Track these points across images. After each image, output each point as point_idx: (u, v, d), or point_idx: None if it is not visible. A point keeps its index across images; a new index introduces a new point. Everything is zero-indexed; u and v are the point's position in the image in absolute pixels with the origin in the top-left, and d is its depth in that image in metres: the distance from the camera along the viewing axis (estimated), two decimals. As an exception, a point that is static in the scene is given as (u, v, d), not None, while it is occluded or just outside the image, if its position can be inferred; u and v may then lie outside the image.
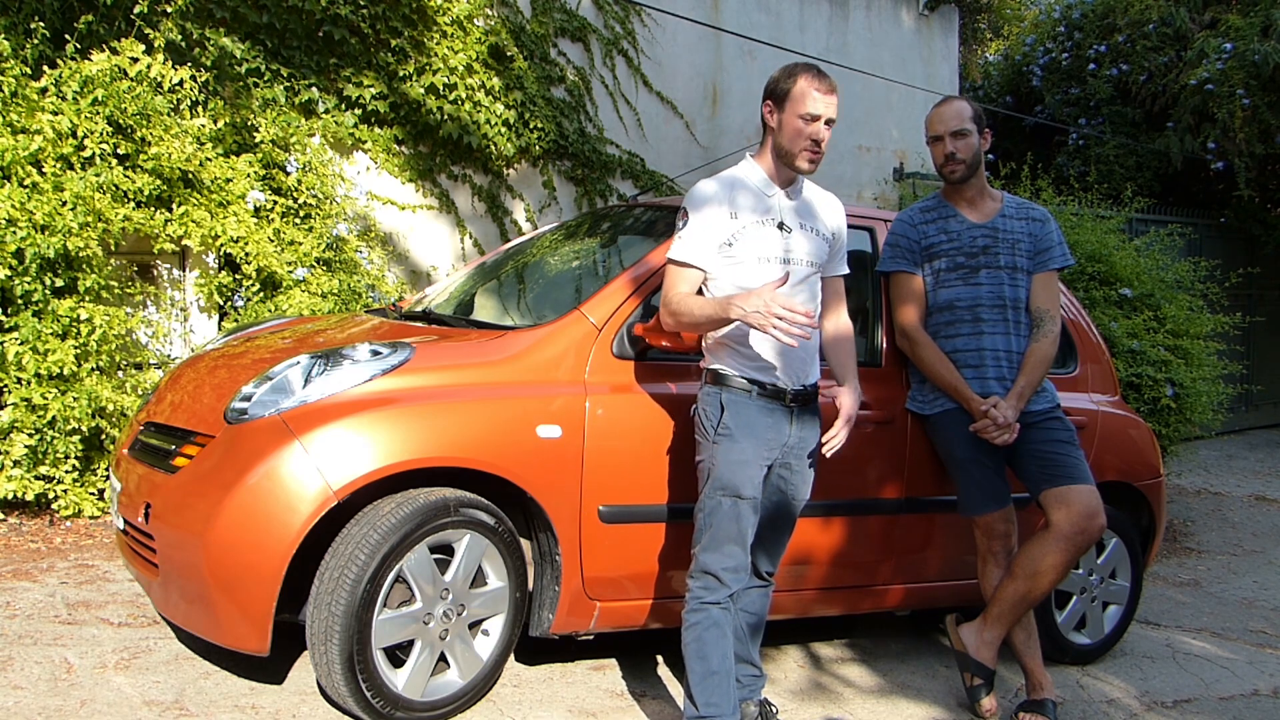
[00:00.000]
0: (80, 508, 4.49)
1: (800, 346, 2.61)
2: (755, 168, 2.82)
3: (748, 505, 2.71)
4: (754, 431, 2.71)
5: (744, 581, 2.76)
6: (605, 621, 3.10)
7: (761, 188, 2.79)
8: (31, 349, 4.27)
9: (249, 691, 2.94)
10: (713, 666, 2.66)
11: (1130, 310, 5.91)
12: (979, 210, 3.35)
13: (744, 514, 2.71)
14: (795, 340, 2.47)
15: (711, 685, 2.65)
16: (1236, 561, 5.74)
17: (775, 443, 2.76)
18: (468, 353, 3.02)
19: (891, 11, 8.62)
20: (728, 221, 2.72)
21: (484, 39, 6.21)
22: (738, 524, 2.70)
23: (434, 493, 2.78)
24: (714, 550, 2.70)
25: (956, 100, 3.36)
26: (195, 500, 2.71)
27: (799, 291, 2.78)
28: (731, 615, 2.74)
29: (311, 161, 5.39)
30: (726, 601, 2.71)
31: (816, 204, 2.91)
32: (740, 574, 2.73)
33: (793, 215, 2.80)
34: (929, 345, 3.31)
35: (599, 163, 6.87)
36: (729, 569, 2.70)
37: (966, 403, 3.24)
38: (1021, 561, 3.19)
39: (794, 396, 2.77)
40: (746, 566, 2.75)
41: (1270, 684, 3.84)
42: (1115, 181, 9.09)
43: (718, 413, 2.73)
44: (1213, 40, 8.88)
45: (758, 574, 2.93)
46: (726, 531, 2.70)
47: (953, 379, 3.26)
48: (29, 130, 4.41)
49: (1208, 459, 8.69)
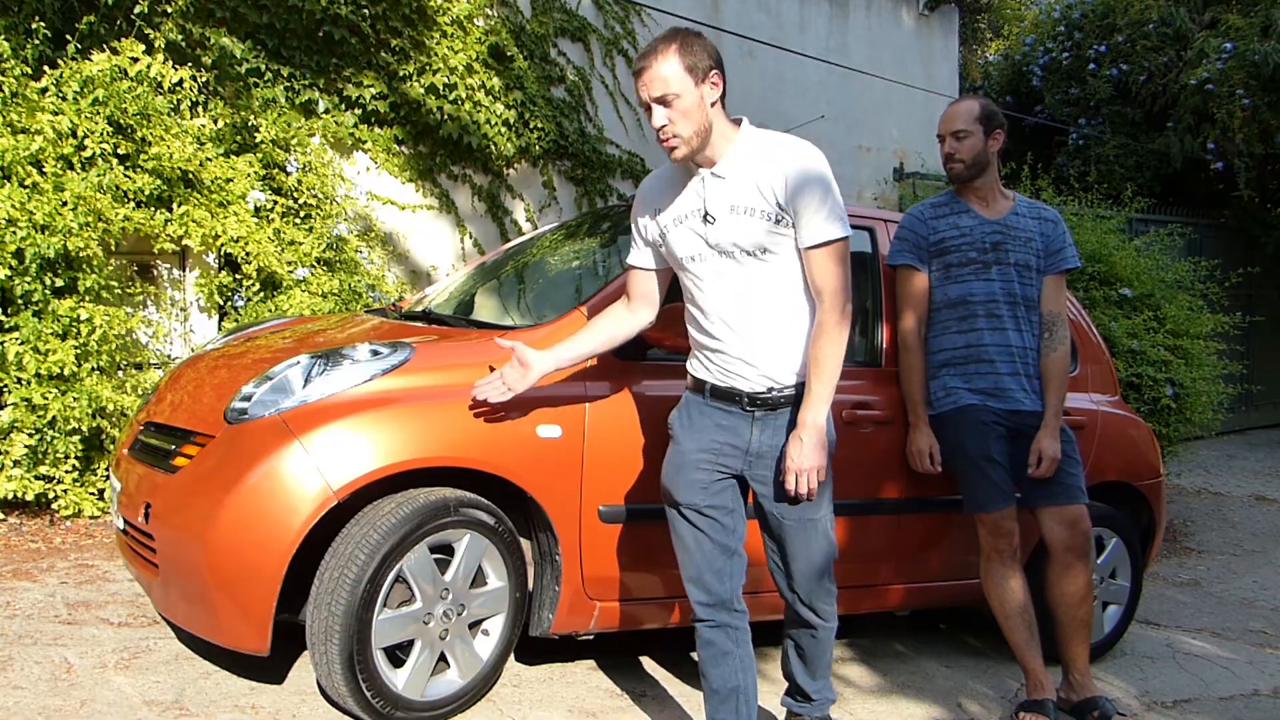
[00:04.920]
0: (80, 508, 4.49)
1: (733, 345, 2.45)
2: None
3: (690, 513, 2.53)
4: (696, 431, 2.54)
5: (715, 602, 2.55)
6: (605, 621, 3.10)
7: (676, 176, 2.53)
8: (32, 349, 4.27)
9: (249, 691, 2.94)
10: (712, 685, 2.60)
11: (1130, 310, 5.91)
12: (991, 207, 3.36)
13: (682, 523, 2.55)
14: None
15: (713, 704, 2.61)
16: (1236, 561, 5.74)
17: (731, 449, 2.51)
18: (468, 353, 3.01)
19: (891, 11, 8.62)
20: (650, 222, 2.59)
21: (484, 39, 6.21)
22: (680, 535, 2.57)
23: (434, 493, 2.78)
24: (681, 567, 2.60)
25: (966, 100, 3.38)
26: (195, 500, 2.71)
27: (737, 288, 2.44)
28: (728, 636, 2.58)
29: (312, 161, 5.40)
30: (716, 621, 2.57)
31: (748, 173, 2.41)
32: (703, 592, 2.55)
33: (720, 199, 2.43)
34: (915, 353, 3.36)
35: (599, 163, 6.87)
36: (691, 583, 2.57)
37: (915, 424, 3.37)
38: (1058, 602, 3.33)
39: (751, 400, 2.48)
40: (708, 585, 2.55)
41: (1270, 684, 3.84)
42: (1115, 181, 9.09)
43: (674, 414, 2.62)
44: (1213, 40, 8.88)
45: (785, 598, 2.67)
46: (678, 544, 2.59)
47: (913, 395, 3.36)
48: (29, 130, 4.41)
49: (1208, 459, 8.69)
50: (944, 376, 3.33)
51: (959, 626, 4.19)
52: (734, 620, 2.59)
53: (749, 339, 2.46)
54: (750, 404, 2.48)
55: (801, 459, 2.40)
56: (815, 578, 2.59)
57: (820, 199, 2.38)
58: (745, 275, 2.44)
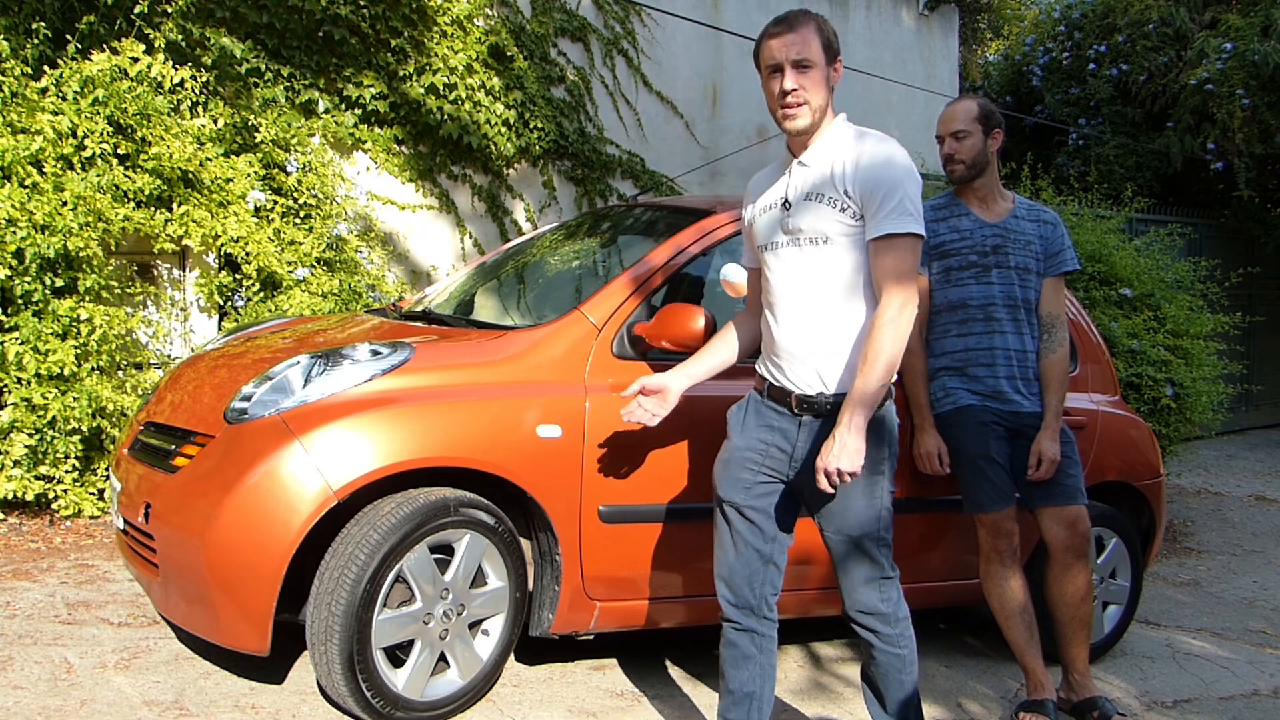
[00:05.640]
0: (80, 508, 4.50)
1: (788, 338, 2.42)
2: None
3: (730, 510, 2.51)
4: (747, 430, 2.52)
5: (742, 605, 2.52)
6: (605, 621, 3.10)
7: (776, 169, 2.57)
8: (32, 349, 4.27)
9: (249, 691, 2.94)
10: (729, 686, 2.56)
11: (1130, 310, 5.91)
12: (991, 209, 3.35)
13: (722, 520, 2.53)
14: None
15: (727, 703, 2.58)
16: (1236, 561, 5.74)
17: (778, 452, 2.47)
18: (468, 353, 3.01)
19: (891, 11, 8.62)
20: (749, 214, 2.62)
21: (484, 39, 6.21)
22: (719, 531, 2.55)
23: (434, 493, 2.78)
24: (714, 563, 2.58)
25: (965, 100, 3.36)
26: (195, 500, 2.71)
27: (795, 275, 2.43)
28: (752, 641, 2.54)
29: (312, 161, 5.40)
30: (741, 624, 2.53)
31: (828, 161, 2.40)
32: (731, 593, 2.52)
33: (799, 187, 2.44)
34: (918, 355, 3.35)
35: (599, 163, 6.88)
36: (721, 581, 2.55)
37: (921, 426, 3.34)
38: (1058, 602, 3.32)
39: (800, 403, 2.43)
40: (737, 588, 2.52)
41: (1270, 684, 3.84)
42: (1115, 181, 9.09)
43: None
44: (1213, 40, 8.88)
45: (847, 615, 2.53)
46: (715, 539, 2.56)
47: (917, 398, 3.34)
48: (29, 130, 4.41)
49: (1208, 459, 8.69)
50: (943, 378, 3.34)
51: (959, 626, 4.19)
52: (760, 627, 2.55)
53: (804, 332, 2.41)
54: (799, 407, 2.43)
55: (831, 457, 2.26)
56: (858, 595, 2.47)
57: (889, 192, 2.31)
58: (807, 263, 2.40)
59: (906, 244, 2.32)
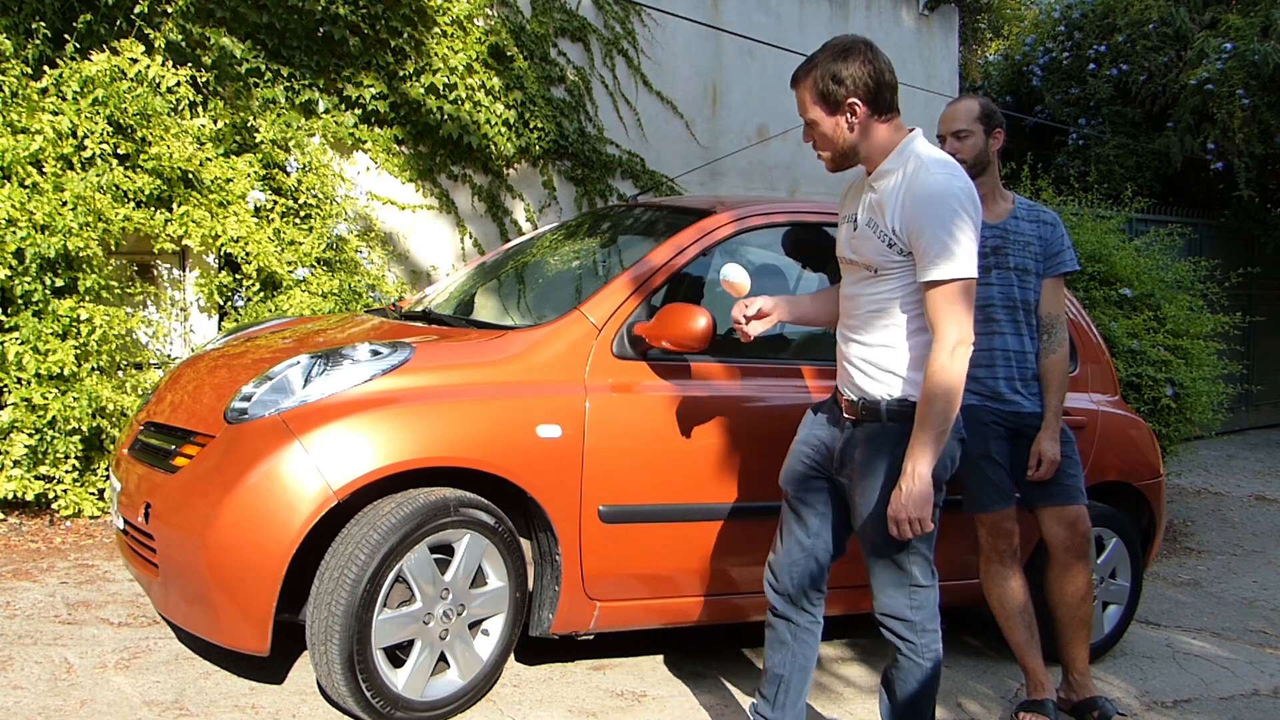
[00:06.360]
0: (80, 508, 4.50)
1: (848, 347, 2.52)
2: None
3: (786, 500, 2.67)
4: (809, 425, 2.67)
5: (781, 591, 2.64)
6: (605, 621, 3.10)
7: (861, 177, 2.56)
8: (32, 349, 4.27)
9: (249, 691, 2.94)
10: (766, 663, 2.71)
11: (1130, 310, 5.91)
12: (991, 210, 3.35)
13: (784, 508, 2.68)
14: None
15: (763, 680, 2.71)
16: (1236, 561, 5.74)
17: (826, 450, 2.58)
18: (468, 353, 3.02)
19: (891, 11, 8.62)
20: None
21: (484, 39, 6.21)
22: (780, 516, 2.69)
23: (434, 493, 2.78)
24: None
25: (966, 99, 3.36)
26: (195, 500, 2.71)
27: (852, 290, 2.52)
28: (787, 628, 2.65)
29: (311, 161, 5.40)
30: (779, 610, 2.65)
31: (894, 193, 2.38)
32: (772, 576, 2.66)
33: (866, 209, 2.46)
34: None
35: (599, 163, 6.87)
36: (767, 564, 2.69)
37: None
38: (1058, 602, 3.34)
39: (847, 406, 2.52)
40: (777, 573, 2.64)
41: (1270, 684, 3.84)
42: (1115, 181, 9.09)
43: None
44: (1213, 40, 8.89)
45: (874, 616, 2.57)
46: (778, 525, 2.70)
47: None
48: (29, 130, 4.41)
49: (1208, 459, 8.69)
50: None
51: (959, 626, 4.19)
52: (797, 617, 2.66)
53: (854, 341, 2.52)
54: (847, 410, 2.54)
55: (899, 506, 2.32)
56: (884, 599, 2.51)
57: (933, 234, 2.28)
58: (863, 282, 2.48)
59: (951, 289, 2.31)
